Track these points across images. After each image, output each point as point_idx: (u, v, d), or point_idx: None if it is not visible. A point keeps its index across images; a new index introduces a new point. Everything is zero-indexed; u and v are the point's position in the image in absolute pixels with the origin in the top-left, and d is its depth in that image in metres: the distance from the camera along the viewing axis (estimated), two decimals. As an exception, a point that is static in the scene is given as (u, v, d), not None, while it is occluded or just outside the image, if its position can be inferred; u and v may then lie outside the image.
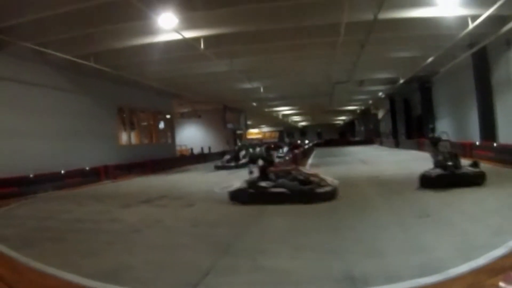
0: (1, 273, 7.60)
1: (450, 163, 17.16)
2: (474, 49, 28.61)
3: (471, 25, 22.63)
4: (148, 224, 12.60)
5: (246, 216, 13.02)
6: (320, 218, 12.19)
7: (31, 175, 21.65)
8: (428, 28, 24.29)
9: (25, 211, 16.31)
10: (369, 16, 20.03)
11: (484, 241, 8.02)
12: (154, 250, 9.52)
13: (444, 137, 18.33)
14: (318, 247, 8.87)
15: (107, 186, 25.16)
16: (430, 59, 32.29)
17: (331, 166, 30.06)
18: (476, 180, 16.08)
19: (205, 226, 12.10)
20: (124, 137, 36.70)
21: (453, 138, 28.70)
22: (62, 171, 24.24)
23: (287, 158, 28.01)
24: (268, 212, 13.67)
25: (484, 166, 19.26)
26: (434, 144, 18.57)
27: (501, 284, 3.27)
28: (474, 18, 21.95)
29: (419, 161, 23.89)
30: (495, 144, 26.39)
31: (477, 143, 29.12)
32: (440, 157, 17.44)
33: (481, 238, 8.30)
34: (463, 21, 22.79)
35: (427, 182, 16.58)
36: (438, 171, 16.89)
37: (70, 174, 24.86)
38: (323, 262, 7.75)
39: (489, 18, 21.29)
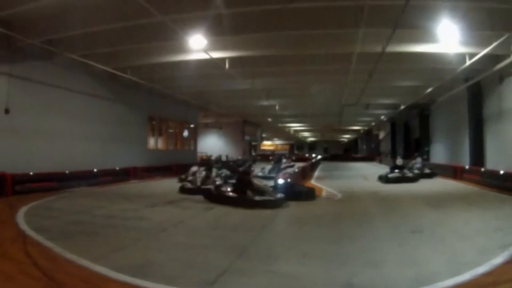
0: (39, 262, 7.65)
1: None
2: (470, 83, 28.72)
3: (468, 62, 22.86)
4: (172, 224, 12.60)
5: (261, 222, 12.93)
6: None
7: (67, 172, 21.75)
8: (429, 62, 24.51)
9: (62, 204, 16.28)
10: (378, 49, 20.05)
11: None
12: (178, 248, 9.53)
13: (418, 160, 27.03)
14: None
15: (134, 186, 25.17)
16: (429, 89, 32.61)
17: (335, 180, 30.00)
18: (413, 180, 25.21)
19: (224, 229, 12.11)
20: (152, 142, 36.76)
21: (445, 161, 28.61)
22: (95, 170, 24.36)
23: (296, 170, 27.84)
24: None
25: (471, 188, 19.37)
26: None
27: None
28: (471, 55, 22.18)
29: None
30: (482, 169, 26.38)
31: (467, 167, 29.04)
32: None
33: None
34: (461, 57, 23.00)
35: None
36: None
37: (102, 173, 24.98)
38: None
39: (485, 56, 21.40)
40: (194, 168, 24.62)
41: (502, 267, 7.86)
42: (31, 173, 19.34)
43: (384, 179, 27.14)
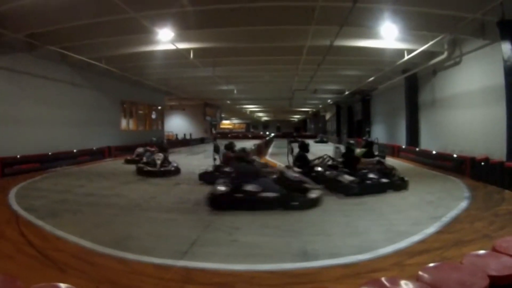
0: (32, 240, 7.80)
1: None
2: (407, 74, 29.36)
3: (406, 56, 23.53)
4: (145, 200, 12.81)
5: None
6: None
7: (49, 153, 21.76)
8: (372, 55, 24.93)
9: (46, 184, 16.25)
10: (326, 43, 20.30)
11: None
12: (152, 223, 9.73)
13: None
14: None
15: (109, 164, 25.20)
16: (371, 78, 33.05)
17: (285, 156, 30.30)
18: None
19: (190, 203, 12.24)
20: (124, 124, 36.58)
21: (384, 141, 29.03)
22: (75, 150, 24.39)
23: (252, 147, 27.91)
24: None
25: (407, 165, 19.82)
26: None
27: (420, 272, 3.44)
28: (409, 51, 22.79)
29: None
30: (417, 149, 27.12)
31: (403, 146, 29.87)
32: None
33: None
34: (400, 52, 23.56)
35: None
36: None
37: (80, 153, 25.02)
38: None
39: (421, 52, 22.07)
40: (140, 149, 24.70)
41: (434, 236, 8.31)
42: (18, 156, 19.33)
43: None
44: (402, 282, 3.17)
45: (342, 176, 14.03)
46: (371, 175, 14.40)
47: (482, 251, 4.11)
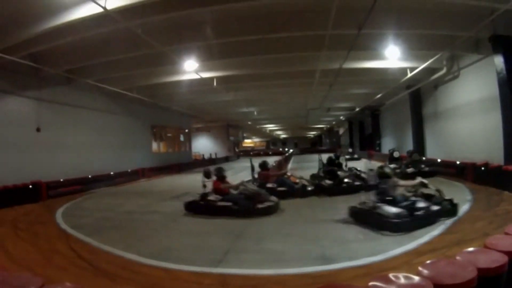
0: (82, 254, 8.04)
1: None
2: (411, 90, 29.50)
3: (409, 74, 23.76)
4: (180, 215, 12.89)
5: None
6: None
7: (89, 176, 22.14)
8: (378, 74, 25.21)
9: (89, 204, 16.57)
10: (336, 66, 20.56)
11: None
12: (188, 235, 9.91)
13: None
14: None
15: (144, 184, 25.40)
16: (379, 95, 33.30)
17: (306, 170, 30.21)
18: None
19: (220, 217, 12.18)
20: (155, 146, 36.95)
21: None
22: (112, 173, 24.71)
23: (273, 164, 27.86)
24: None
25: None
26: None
27: (420, 268, 3.70)
28: (412, 69, 23.05)
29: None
30: (424, 158, 26.99)
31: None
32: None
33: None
34: (404, 70, 23.78)
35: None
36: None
37: (117, 175, 25.28)
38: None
39: (423, 69, 22.32)
40: None
41: (439, 237, 8.49)
42: (61, 180, 19.67)
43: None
44: (405, 276, 3.44)
45: (382, 209, 10.07)
46: (420, 204, 10.30)
47: (474, 248, 4.37)
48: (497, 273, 3.79)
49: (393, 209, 9.81)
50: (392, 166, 19.52)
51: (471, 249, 4.34)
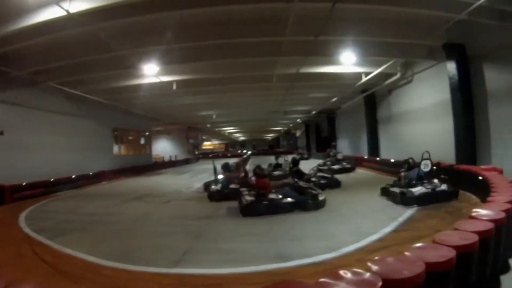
0: (45, 257, 7.93)
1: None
2: (366, 94, 30.12)
3: (364, 78, 24.12)
4: (141, 216, 12.91)
5: (209, 211, 13.40)
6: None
7: (51, 180, 21.69)
8: (334, 79, 25.41)
9: (53, 207, 16.26)
10: (293, 71, 20.89)
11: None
12: (148, 236, 9.91)
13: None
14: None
15: (106, 186, 25.13)
16: (334, 99, 33.84)
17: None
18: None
19: (180, 218, 12.41)
20: (116, 149, 36.61)
21: (349, 153, 29.48)
22: (73, 176, 24.28)
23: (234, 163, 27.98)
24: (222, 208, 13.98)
25: (369, 173, 20.23)
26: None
27: (369, 264, 3.78)
28: (367, 74, 23.50)
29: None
30: (377, 159, 27.76)
31: (366, 157, 30.34)
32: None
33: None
34: (359, 75, 24.21)
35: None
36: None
37: (79, 178, 24.92)
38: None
39: (377, 74, 22.85)
40: None
41: (391, 235, 8.73)
42: (24, 183, 19.27)
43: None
44: (354, 272, 3.51)
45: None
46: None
47: (423, 244, 4.50)
48: (445, 267, 3.91)
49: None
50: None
51: (420, 244, 4.47)
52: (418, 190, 12.58)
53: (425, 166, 13.56)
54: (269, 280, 5.94)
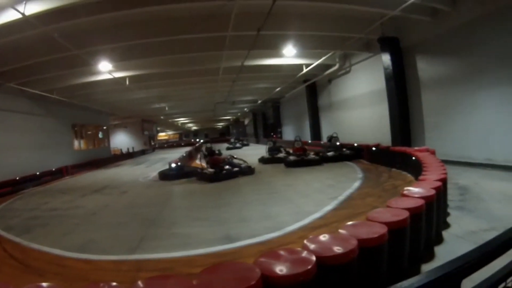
0: (13, 253, 7.81)
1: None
2: (307, 83, 30.58)
3: (305, 69, 24.46)
4: (99, 208, 12.72)
5: (162, 199, 13.33)
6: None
7: (17, 178, 21.31)
8: (277, 70, 25.75)
9: (19, 205, 15.77)
10: (238, 63, 20.84)
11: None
12: (107, 226, 9.80)
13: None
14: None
15: (68, 181, 24.52)
16: (278, 89, 34.17)
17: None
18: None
19: (136, 207, 12.36)
20: (76, 144, 35.87)
21: (293, 138, 29.80)
22: (38, 173, 23.83)
23: (184, 154, 28.07)
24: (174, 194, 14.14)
25: (312, 156, 20.50)
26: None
27: (305, 242, 3.81)
28: (307, 65, 23.83)
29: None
30: (321, 142, 28.01)
31: (310, 141, 30.59)
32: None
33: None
34: (300, 66, 24.54)
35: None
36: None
37: (43, 174, 24.41)
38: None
39: (317, 65, 23.27)
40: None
41: (331, 213, 8.87)
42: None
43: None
44: (291, 251, 3.49)
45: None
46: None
47: (357, 221, 4.54)
48: (378, 243, 3.98)
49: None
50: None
51: (353, 222, 4.53)
52: (331, 153, 20.80)
53: (336, 140, 22.50)
54: (217, 262, 6.00)
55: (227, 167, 18.08)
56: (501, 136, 13.09)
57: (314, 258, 3.31)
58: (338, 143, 22.04)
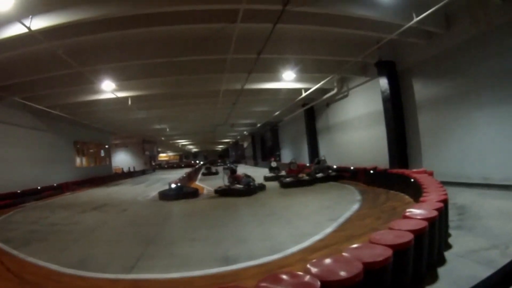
0: (10, 267, 7.60)
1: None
2: (306, 107, 30.58)
3: (304, 93, 24.38)
4: (98, 225, 12.50)
5: (161, 218, 13.13)
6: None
7: (18, 191, 21.18)
8: (276, 94, 25.78)
9: (18, 218, 15.65)
10: (238, 87, 20.87)
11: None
12: (105, 244, 9.58)
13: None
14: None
15: (68, 197, 24.40)
16: (277, 113, 34.16)
17: (213, 180, 30.16)
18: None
19: (135, 225, 12.15)
20: (78, 161, 35.81)
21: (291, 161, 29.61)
22: (39, 187, 23.71)
23: (184, 175, 27.97)
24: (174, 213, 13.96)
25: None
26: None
27: (308, 266, 3.60)
28: (306, 89, 23.66)
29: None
30: (307, 165, 27.81)
31: (307, 164, 30.11)
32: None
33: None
34: (299, 90, 24.44)
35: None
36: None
37: (44, 189, 24.29)
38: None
39: (316, 89, 23.12)
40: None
41: (331, 234, 8.61)
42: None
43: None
44: (293, 275, 3.29)
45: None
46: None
47: (360, 244, 4.31)
48: (383, 265, 3.76)
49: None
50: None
51: (357, 245, 4.29)
52: (320, 175, 22.12)
53: (323, 163, 23.42)
54: (215, 283, 5.79)
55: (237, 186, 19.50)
56: (498, 155, 12.93)
57: (318, 283, 3.09)
58: (325, 165, 23.35)
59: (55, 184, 26.60)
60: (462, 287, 4.74)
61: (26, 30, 11.44)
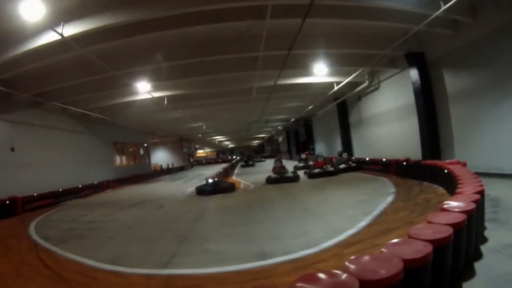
0: (49, 264, 7.67)
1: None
2: (338, 101, 30.13)
3: (335, 87, 24.14)
4: (135, 222, 12.57)
5: (196, 214, 13.00)
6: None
7: (60, 190, 21.48)
8: (308, 89, 25.51)
9: (58, 216, 15.85)
10: (271, 83, 20.69)
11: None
12: (140, 241, 9.54)
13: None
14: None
15: (108, 194, 24.76)
16: (310, 107, 33.70)
17: (249, 175, 30.14)
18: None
19: (171, 222, 12.06)
20: (117, 160, 36.36)
21: (325, 154, 29.40)
22: (80, 186, 24.12)
23: (220, 171, 27.98)
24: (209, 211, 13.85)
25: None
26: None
27: (346, 263, 3.35)
28: (338, 83, 23.50)
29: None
30: (353, 158, 27.27)
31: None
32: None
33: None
34: (330, 85, 24.16)
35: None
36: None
37: (84, 188, 24.70)
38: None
39: (347, 83, 23.01)
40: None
41: (366, 229, 8.31)
42: (35, 194, 18.99)
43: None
44: (331, 274, 3.07)
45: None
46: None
47: (398, 239, 4.03)
48: (423, 262, 3.49)
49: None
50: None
51: (395, 240, 4.00)
52: (342, 166, 23.76)
53: (345, 155, 25.56)
54: (249, 279, 5.66)
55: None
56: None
57: (357, 282, 2.85)
58: (346, 158, 25.46)
59: (95, 182, 27.02)
60: (500, 284, 4.48)
61: (59, 37, 11.50)
